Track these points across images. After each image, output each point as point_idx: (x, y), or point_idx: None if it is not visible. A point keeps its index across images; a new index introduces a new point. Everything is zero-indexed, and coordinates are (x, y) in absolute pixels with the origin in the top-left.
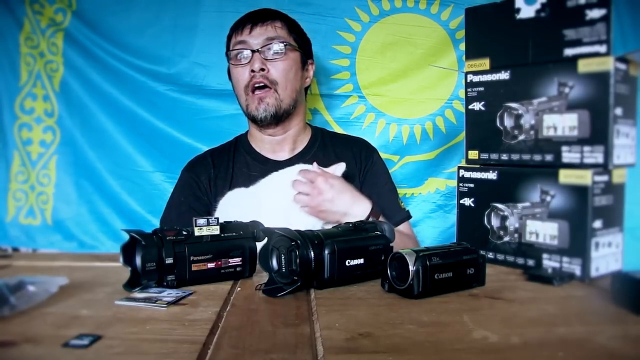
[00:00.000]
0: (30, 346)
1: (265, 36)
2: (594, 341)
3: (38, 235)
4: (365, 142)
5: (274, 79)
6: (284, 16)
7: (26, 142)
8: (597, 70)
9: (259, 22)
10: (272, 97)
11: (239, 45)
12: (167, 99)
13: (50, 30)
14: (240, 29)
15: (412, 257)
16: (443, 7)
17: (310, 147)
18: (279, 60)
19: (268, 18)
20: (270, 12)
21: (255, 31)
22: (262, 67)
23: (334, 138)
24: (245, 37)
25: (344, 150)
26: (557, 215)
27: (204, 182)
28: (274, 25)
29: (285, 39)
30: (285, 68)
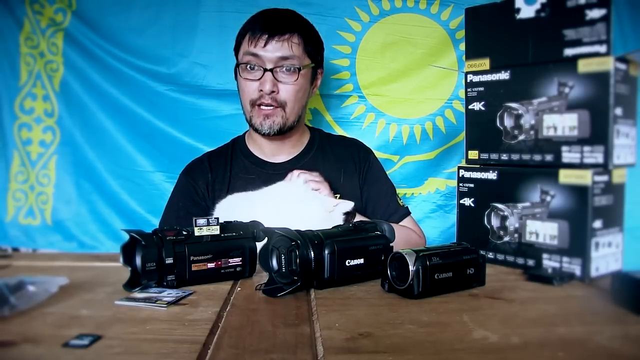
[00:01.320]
0: (30, 346)
1: (280, 54)
2: (594, 341)
3: (38, 235)
4: (361, 144)
5: (283, 100)
6: (302, 26)
7: (26, 142)
8: (597, 70)
9: (275, 35)
10: (279, 115)
11: (252, 59)
12: (167, 99)
13: (50, 30)
14: (256, 38)
15: (412, 257)
16: (443, 7)
17: (309, 149)
18: (290, 84)
19: (286, 30)
20: (289, 21)
21: (270, 45)
22: (272, 90)
23: (331, 139)
24: (259, 50)
25: (342, 152)
26: (557, 215)
27: (201, 186)
28: (290, 41)
29: (300, 58)
30: (295, 90)
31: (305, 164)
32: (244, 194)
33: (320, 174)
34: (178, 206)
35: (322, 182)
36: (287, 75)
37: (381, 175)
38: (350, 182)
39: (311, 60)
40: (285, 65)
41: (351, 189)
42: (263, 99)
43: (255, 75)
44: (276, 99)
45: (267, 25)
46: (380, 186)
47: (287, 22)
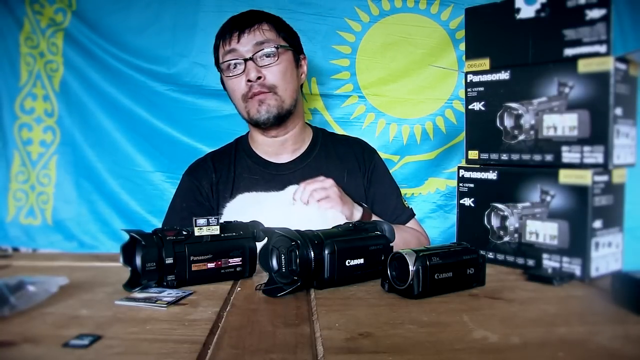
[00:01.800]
0: (30, 346)
1: (254, 41)
2: (594, 341)
3: (38, 235)
4: (365, 143)
5: (273, 84)
6: (269, 16)
7: (26, 142)
8: (597, 70)
9: (245, 28)
10: (273, 98)
11: (230, 56)
12: (167, 99)
13: (50, 30)
14: (228, 37)
15: (412, 257)
16: (443, 7)
17: (312, 148)
18: (274, 65)
19: (254, 22)
20: (254, 14)
21: (243, 38)
22: (258, 76)
23: (334, 139)
24: (234, 45)
25: (346, 151)
26: (557, 215)
27: (205, 186)
28: (261, 28)
29: (275, 40)
30: (281, 71)
31: (309, 164)
32: (253, 194)
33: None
34: (182, 207)
35: (330, 187)
36: (268, 58)
37: (387, 176)
38: (354, 182)
39: (288, 44)
40: (263, 50)
41: (355, 189)
42: (253, 89)
43: (238, 70)
44: (265, 85)
45: (235, 23)
46: (387, 187)
47: (254, 15)
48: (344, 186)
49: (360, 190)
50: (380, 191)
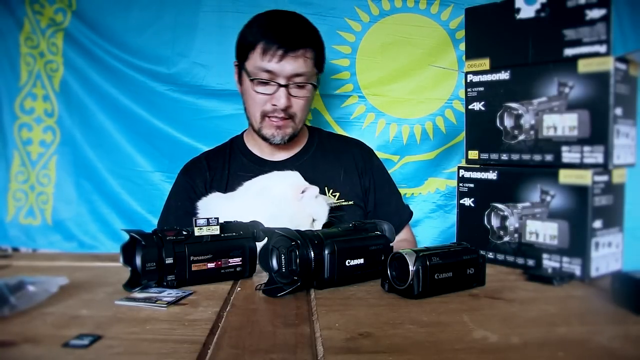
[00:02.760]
0: (30, 346)
1: (294, 71)
2: (594, 341)
3: (38, 235)
4: (362, 144)
5: (294, 113)
6: (313, 38)
7: (26, 142)
8: (597, 70)
9: (290, 51)
10: (290, 125)
11: (265, 74)
12: (167, 99)
13: (50, 30)
14: (270, 52)
15: (412, 257)
16: (443, 7)
17: (308, 147)
18: (302, 97)
19: (300, 46)
20: (302, 34)
21: (285, 61)
22: (286, 105)
23: (331, 139)
24: (273, 66)
25: (343, 150)
26: (557, 215)
27: (199, 185)
28: (304, 56)
29: (311, 74)
30: (306, 102)
31: (305, 162)
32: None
33: (319, 173)
34: (177, 206)
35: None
36: (299, 90)
37: (387, 178)
38: (350, 181)
39: (318, 70)
40: (299, 82)
41: (351, 188)
42: (276, 113)
43: (269, 90)
44: (288, 112)
45: (281, 40)
46: (388, 190)
47: (301, 35)
48: (340, 184)
49: (357, 189)
50: (382, 194)
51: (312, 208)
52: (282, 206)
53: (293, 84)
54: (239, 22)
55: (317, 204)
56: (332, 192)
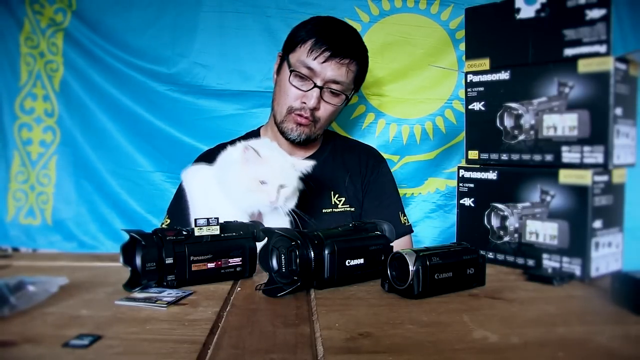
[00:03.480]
0: (30, 346)
1: (334, 77)
2: (594, 341)
3: (38, 235)
4: (374, 152)
5: (319, 117)
6: (361, 54)
7: (26, 142)
8: (597, 70)
9: (337, 57)
10: (309, 128)
11: (306, 71)
12: (167, 99)
13: (50, 30)
14: (318, 51)
15: (412, 257)
16: (443, 7)
17: (322, 151)
18: (332, 105)
19: (347, 56)
20: (352, 45)
21: (328, 64)
22: (315, 107)
23: (345, 144)
24: (316, 65)
25: (352, 156)
26: (557, 215)
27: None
28: (348, 67)
29: (348, 86)
30: (333, 112)
31: (315, 167)
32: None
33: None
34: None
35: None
36: (332, 97)
37: (388, 188)
38: (353, 187)
39: (355, 86)
40: (334, 89)
41: (354, 193)
42: (303, 111)
43: (304, 86)
44: (314, 115)
45: (332, 43)
46: (384, 198)
47: (351, 45)
48: (345, 189)
49: (359, 194)
50: (377, 202)
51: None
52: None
53: (328, 88)
54: (239, 22)
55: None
56: (338, 197)
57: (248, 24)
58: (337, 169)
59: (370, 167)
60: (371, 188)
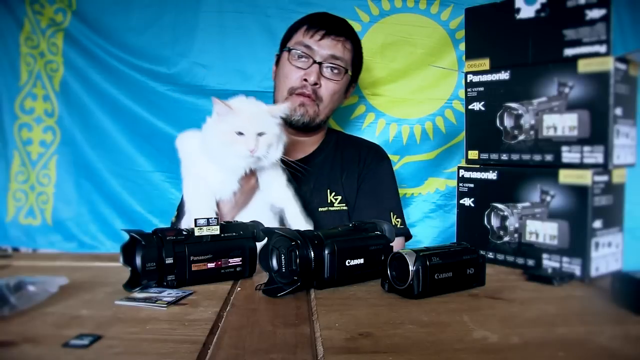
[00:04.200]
0: (30, 346)
1: (331, 52)
2: (594, 341)
3: (38, 235)
4: (377, 149)
5: (321, 96)
6: (355, 36)
7: (26, 142)
8: (597, 70)
9: (332, 34)
10: (313, 108)
11: (304, 49)
12: (167, 99)
13: (50, 30)
14: (312, 30)
15: (412, 257)
16: (443, 7)
17: (322, 149)
18: (333, 82)
19: (342, 34)
20: (346, 26)
21: (324, 41)
22: (316, 82)
23: (347, 142)
24: (313, 42)
25: (351, 153)
26: (557, 215)
27: None
28: (344, 44)
29: (347, 63)
30: (335, 90)
31: (315, 164)
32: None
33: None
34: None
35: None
36: (333, 74)
37: (383, 186)
38: (349, 184)
39: (352, 70)
40: (334, 64)
41: (350, 191)
42: (304, 88)
43: (302, 64)
44: (316, 92)
45: (325, 23)
46: (376, 197)
47: (345, 27)
48: (341, 188)
49: (354, 193)
50: (365, 201)
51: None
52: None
53: (328, 65)
54: (239, 22)
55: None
56: (334, 196)
57: (248, 24)
58: (336, 165)
59: (367, 163)
60: (364, 184)
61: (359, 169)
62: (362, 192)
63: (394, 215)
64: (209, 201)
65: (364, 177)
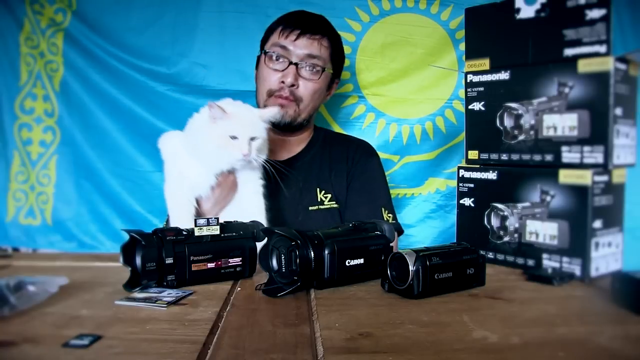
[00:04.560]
0: (30, 346)
1: (308, 51)
2: (594, 341)
3: (38, 235)
4: (365, 145)
5: (300, 96)
6: (332, 32)
7: (26, 142)
8: (597, 70)
9: (307, 33)
10: (292, 108)
11: (279, 50)
12: (167, 99)
13: (50, 30)
14: (287, 30)
15: (412, 257)
16: (443, 7)
17: (309, 149)
18: (311, 81)
19: (318, 32)
20: (322, 24)
21: (300, 41)
22: (293, 83)
23: (334, 139)
24: (288, 43)
25: (339, 150)
26: (557, 215)
27: None
28: (320, 42)
29: (325, 61)
30: (314, 89)
31: (304, 163)
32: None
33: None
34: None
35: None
36: (310, 74)
37: (373, 183)
38: (338, 182)
39: (333, 67)
40: (310, 63)
41: (340, 188)
42: (282, 91)
43: (279, 66)
44: (294, 93)
45: (300, 22)
46: (366, 194)
47: (321, 24)
48: (331, 186)
49: (344, 190)
50: (355, 198)
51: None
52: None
53: (305, 64)
54: (239, 22)
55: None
56: (324, 194)
57: (248, 24)
58: (324, 164)
59: (356, 160)
60: (354, 181)
61: (347, 166)
62: (352, 190)
63: (386, 210)
64: (188, 198)
65: (353, 174)
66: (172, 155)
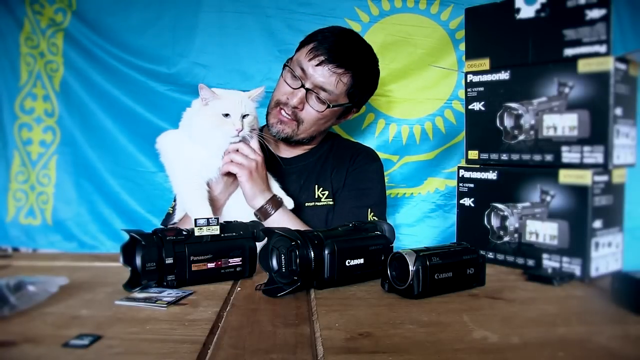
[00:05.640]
0: (30, 346)
1: (322, 84)
2: (594, 341)
3: (38, 235)
4: (369, 151)
5: (302, 119)
6: (359, 66)
7: (26, 142)
8: (597, 70)
9: (331, 63)
10: (291, 128)
11: (299, 70)
12: (167, 99)
13: (50, 30)
14: (314, 53)
15: (412, 257)
16: (443, 7)
17: (316, 151)
18: (315, 110)
19: (342, 65)
20: (351, 56)
21: (321, 69)
22: (297, 106)
23: (341, 145)
24: (309, 66)
25: (345, 153)
26: (557, 215)
27: None
28: (340, 77)
29: (336, 97)
30: (317, 118)
31: (309, 163)
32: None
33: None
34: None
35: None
36: (316, 103)
37: (367, 184)
38: (337, 179)
39: (349, 100)
40: (320, 95)
41: (337, 187)
42: (286, 107)
43: (293, 84)
44: (296, 114)
45: (330, 49)
46: (356, 193)
47: (350, 57)
48: (329, 183)
49: (341, 189)
50: (344, 194)
51: (221, 104)
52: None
53: (315, 93)
54: (239, 22)
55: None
56: (322, 191)
57: (248, 24)
58: (327, 164)
59: (357, 161)
60: (349, 178)
61: (348, 165)
62: (345, 186)
63: (372, 212)
64: (199, 183)
65: (351, 172)
66: (174, 148)
